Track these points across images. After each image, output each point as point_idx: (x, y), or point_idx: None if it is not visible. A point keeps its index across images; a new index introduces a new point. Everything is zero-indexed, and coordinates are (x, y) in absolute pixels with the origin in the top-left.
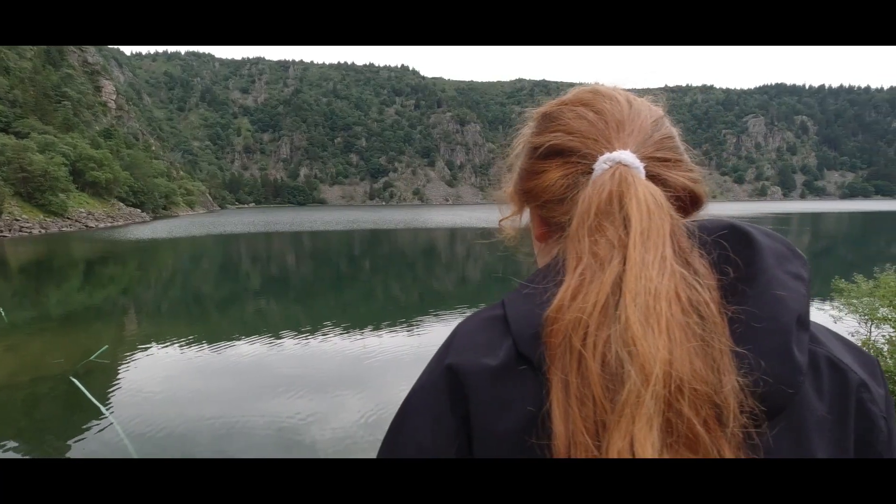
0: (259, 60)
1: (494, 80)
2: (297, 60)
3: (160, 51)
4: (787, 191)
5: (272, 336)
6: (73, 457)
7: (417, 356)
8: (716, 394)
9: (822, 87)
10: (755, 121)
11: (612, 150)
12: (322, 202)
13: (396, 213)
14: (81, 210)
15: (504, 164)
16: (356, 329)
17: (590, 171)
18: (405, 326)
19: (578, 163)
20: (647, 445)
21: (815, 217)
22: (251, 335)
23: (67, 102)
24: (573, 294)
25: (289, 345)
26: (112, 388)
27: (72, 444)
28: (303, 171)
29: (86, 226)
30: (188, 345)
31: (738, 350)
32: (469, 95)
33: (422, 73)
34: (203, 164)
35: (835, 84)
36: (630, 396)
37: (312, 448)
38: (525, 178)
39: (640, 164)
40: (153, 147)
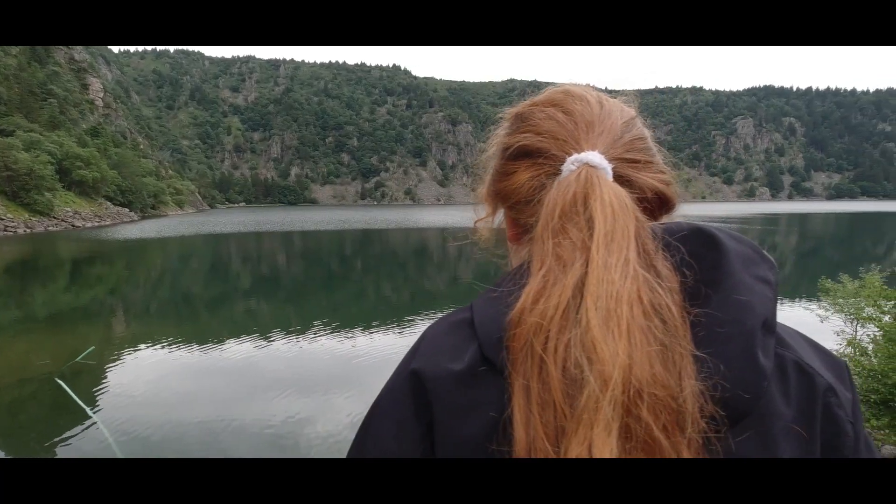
0: (249, 59)
1: (486, 81)
2: (288, 59)
3: (149, 48)
4: (776, 192)
5: (262, 336)
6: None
7: None
8: (675, 399)
9: (810, 90)
10: (744, 122)
11: (581, 152)
12: (313, 202)
13: (388, 213)
14: (68, 209)
15: (479, 165)
16: (347, 329)
17: (558, 173)
18: (396, 326)
19: (546, 164)
20: (606, 451)
21: (803, 218)
22: (240, 335)
23: (53, 100)
24: (535, 297)
25: (278, 345)
26: (98, 390)
27: (57, 447)
28: (294, 171)
29: (72, 225)
30: (176, 345)
31: (701, 354)
32: (461, 95)
33: (413, 73)
34: (192, 164)
35: (822, 86)
36: (589, 402)
37: (301, 448)
38: (497, 179)
39: (608, 166)
40: (141, 146)
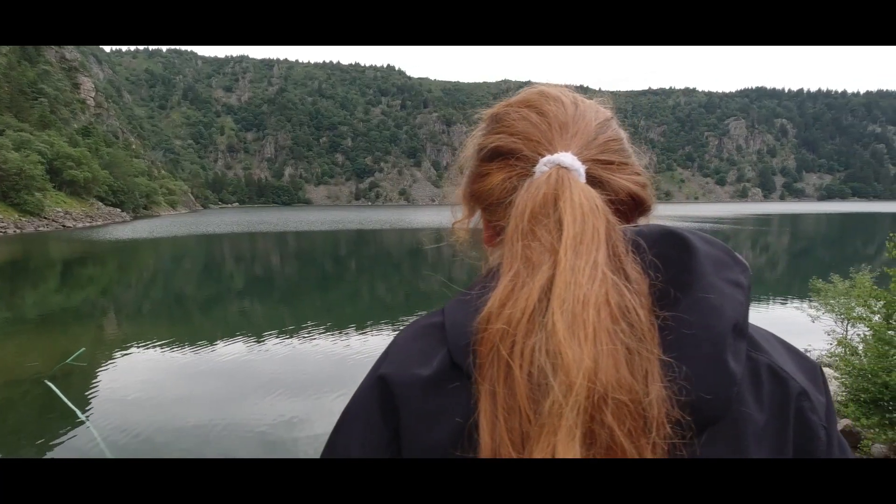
0: (243, 59)
1: (480, 81)
2: (282, 59)
3: (141, 48)
4: (768, 192)
5: (255, 337)
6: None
7: None
8: (640, 403)
9: (801, 91)
10: (736, 123)
11: (554, 153)
12: (307, 202)
13: (382, 214)
14: (59, 209)
15: (456, 166)
16: (340, 330)
17: (531, 174)
18: (390, 327)
19: (519, 165)
20: (569, 457)
21: (795, 218)
22: (233, 336)
23: (44, 99)
24: (503, 301)
25: (272, 346)
26: (89, 392)
27: (46, 449)
28: (287, 171)
29: (63, 225)
30: (169, 347)
31: (669, 359)
32: (455, 96)
33: (408, 74)
34: (185, 164)
35: (813, 88)
36: (553, 407)
37: (294, 449)
38: (472, 181)
39: (581, 167)
40: (133, 145)
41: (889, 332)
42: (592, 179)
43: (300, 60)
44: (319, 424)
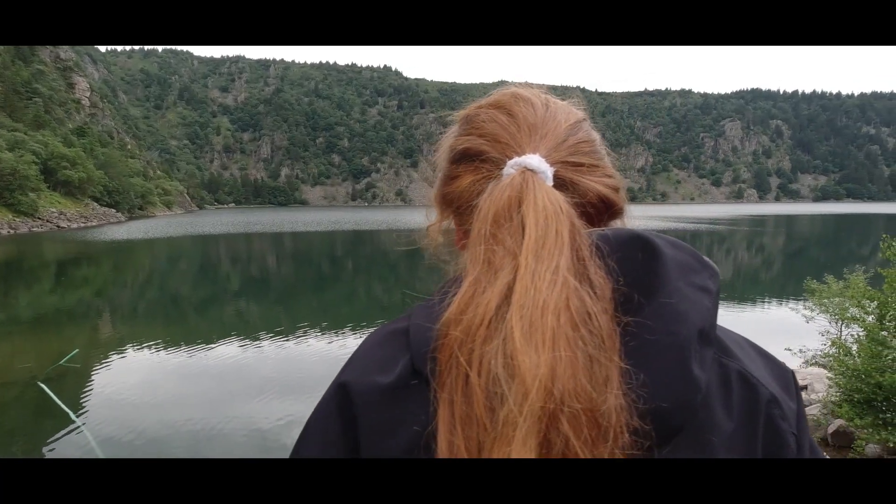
0: (239, 59)
1: (477, 82)
2: (279, 59)
3: (136, 47)
4: (763, 193)
5: (251, 338)
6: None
7: None
8: (597, 411)
9: (796, 93)
10: (732, 125)
11: (522, 155)
12: (303, 203)
13: (379, 214)
14: (53, 210)
15: (430, 168)
16: (337, 330)
17: (499, 177)
18: None
19: (487, 168)
20: None
21: (790, 219)
22: (229, 337)
23: (38, 99)
24: (462, 307)
25: (269, 347)
26: (83, 394)
27: (39, 451)
28: (284, 172)
29: (57, 226)
30: (164, 348)
31: (631, 366)
32: (452, 97)
33: (404, 74)
34: (181, 164)
35: (808, 89)
36: (508, 416)
37: (289, 449)
38: (444, 183)
39: (549, 169)
40: (129, 146)
41: (882, 333)
42: (561, 182)
43: (296, 61)
44: None
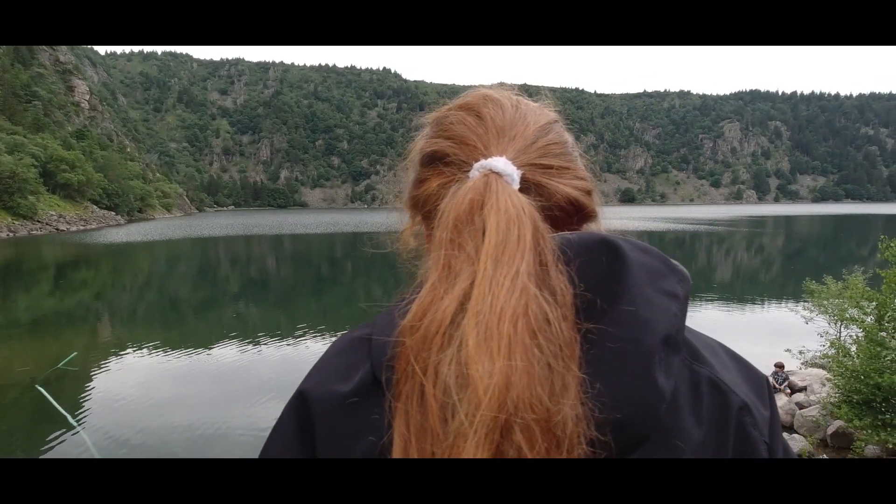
0: (238, 61)
1: (476, 84)
2: (278, 62)
3: (136, 50)
4: (762, 194)
5: (251, 340)
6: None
7: None
8: (553, 422)
9: (795, 94)
10: (731, 126)
11: (489, 157)
12: (303, 205)
13: (378, 216)
14: (52, 213)
15: (401, 170)
16: (336, 332)
17: (462, 180)
18: None
19: (454, 171)
20: None
21: (789, 220)
22: (229, 340)
23: (38, 102)
24: (420, 314)
25: (267, 349)
26: (82, 396)
27: (36, 454)
28: (283, 174)
29: (56, 229)
30: (163, 350)
31: (591, 375)
32: (451, 98)
33: (404, 76)
34: (180, 166)
35: (806, 90)
36: (460, 427)
37: None
38: (413, 186)
39: (516, 172)
40: (128, 148)
41: (881, 334)
42: (529, 184)
43: (296, 63)
44: None
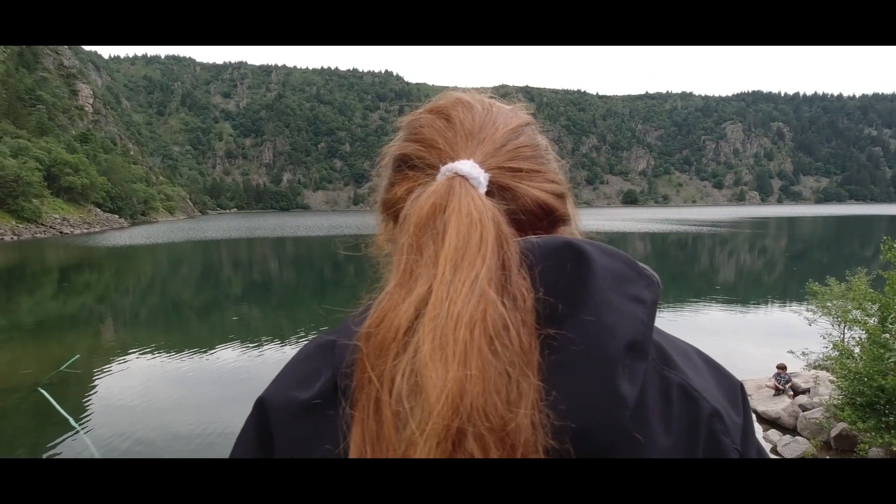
0: (241, 65)
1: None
2: (280, 65)
3: (139, 54)
4: (765, 195)
5: (253, 343)
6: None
7: None
8: (507, 431)
9: (797, 95)
10: (733, 127)
11: (456, 161)
12: (305, 207)
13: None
14: (56, 216)
15: (375, 175)
16: None
17: (427, 184)
18: None
19: (421, 175)
20: None
21: (792, 221)
22: (231, 342)
23: (42, 106)
24: (378, 319)
25: (270, 352)
26: (84, 399)
27: (39, 457)
28: (286, 177)
29: (60, 232)
30: (165, 353)
31: (552, 382)
32: None
33: (406, 79)
34: (183, 169)
35: (809, 91)
36: (411, 436)
37: None
38: (385, 190)
39: (482, 175)
40: (132, 152)
41: (884, 335)
42: (497, 188)
43: (298, 66)
44: None
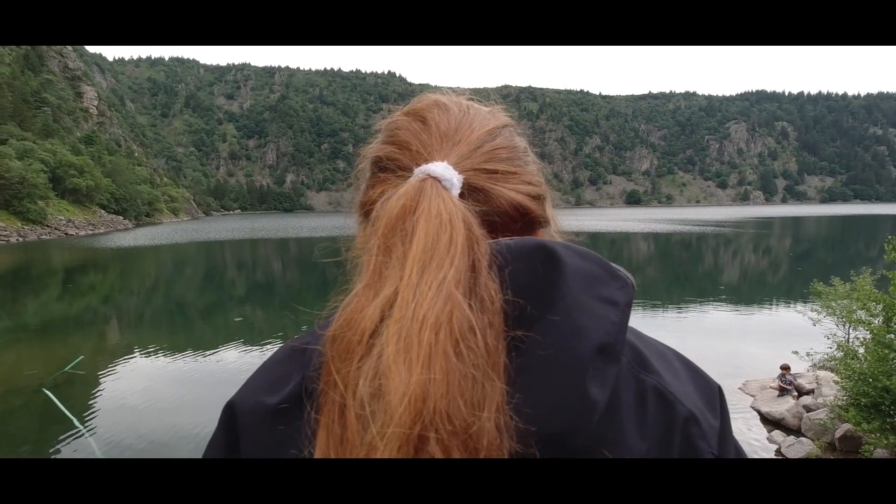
0: (244, 66)
1: (481, 87)
2: (283, 66)
3: (143, 56)
4: (769, 195)
5: (257, 344)
6: None
7: None
8: (470, 434)
9: (801, 94)
10: (737, 127)
11: (430, 162)
12: (309, 208)
13: None
14: (61, 217)
15: (353, 176)
16: None
17: (398, 185)
18: None
19: (396, 177)
20: None
21: (797, 221)
22: (235, 343)
23: (47, 108)
24: (345, 322)
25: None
26: (89, 400)
27: (42, 457)
28: (289, 178)
29: (65, 233)
30: (169, 354)
31: (519, 385)
32: None
33: (409, 80)
34: (187, 171)
35: (813, 91)
36: (374, 440)
37: None
38: (362, 193)
39: (456, 176)
40: (136, 153)
41: (889, 336)
42: (473, 189)
43: (301, 67)
44: None
